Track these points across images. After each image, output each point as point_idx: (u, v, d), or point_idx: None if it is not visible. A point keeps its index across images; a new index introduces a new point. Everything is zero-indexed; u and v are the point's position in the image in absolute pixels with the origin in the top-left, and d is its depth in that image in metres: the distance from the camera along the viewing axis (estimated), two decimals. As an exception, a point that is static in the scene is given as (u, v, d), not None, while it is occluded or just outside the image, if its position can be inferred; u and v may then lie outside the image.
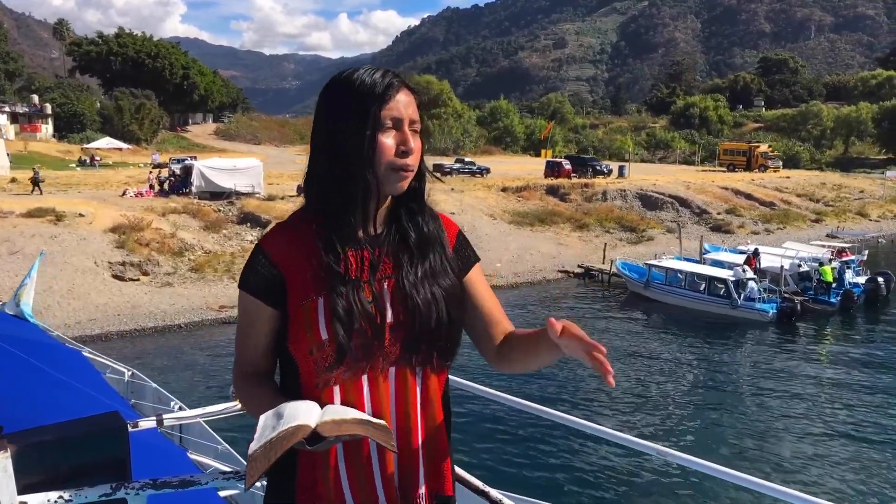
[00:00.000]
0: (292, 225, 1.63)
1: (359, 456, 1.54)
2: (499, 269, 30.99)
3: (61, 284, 23.73)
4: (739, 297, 23.95)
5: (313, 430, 1.36)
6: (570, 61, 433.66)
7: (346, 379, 1.53)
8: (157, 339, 21.50)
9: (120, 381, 6.77)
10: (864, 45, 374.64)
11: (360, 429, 1.39)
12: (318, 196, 1.59)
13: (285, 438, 1.34)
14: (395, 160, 1.54)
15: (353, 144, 1.53)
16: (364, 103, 1.53)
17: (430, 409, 1.61)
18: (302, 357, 1.54)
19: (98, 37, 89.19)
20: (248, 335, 1.63)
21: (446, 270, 1.66)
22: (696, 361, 20.59)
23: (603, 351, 1.42)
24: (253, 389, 1.61)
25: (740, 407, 16.96)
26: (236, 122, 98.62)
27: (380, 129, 1.53)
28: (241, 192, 35.85)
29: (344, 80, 1.58)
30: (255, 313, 1.60)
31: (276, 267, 1.57)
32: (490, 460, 13.50)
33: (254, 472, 1.32)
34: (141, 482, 1.81)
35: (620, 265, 29.01)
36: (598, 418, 15.83)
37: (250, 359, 1.64)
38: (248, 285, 1.59)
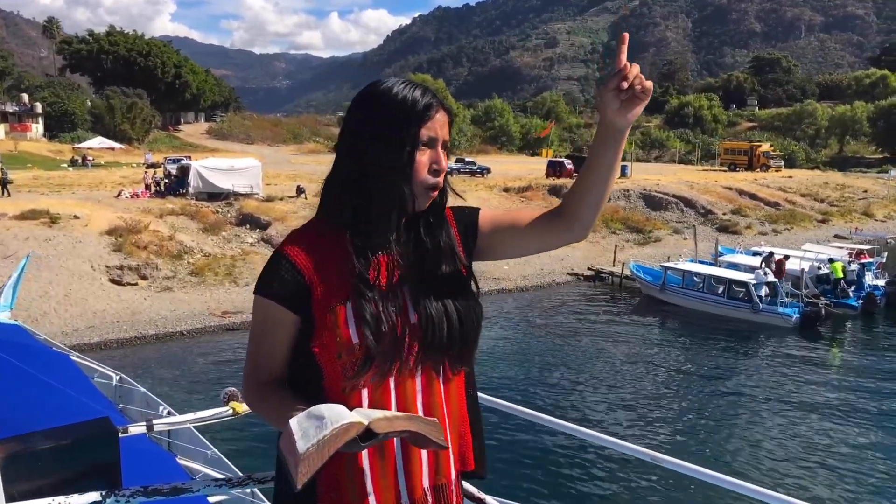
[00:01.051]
0: (313, 231, 1.65)
1: (384, 458, 1.55)
2: (506, 271, 30.24)
3: (57, 290, 22.84)
4: (761, 301, 23.20)
5: (366, 427, 1.35)
6: (562, 61, 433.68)
7: (374, 382, 1.54)
8: (160, 347, 20.63)
9: (108, 385, 6.84)
10: (853, 45, 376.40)
11: (412, 425, 1.39)
12: (344, 203, 1.61)
13: (338, 436, 1.33)
14: (428, 178, 1.59)
15: (392, 159, 1.55)
16: (406, 121, 1.55)
17: (452, 403, 1.64)
18: (329, 361, 1.55)
19: (89, 35, 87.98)
20: (264, 343, 1.63)
21: (459, 282, 1.67)
22: (716, 368, 19.87)
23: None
24: (273, 396, 1.58)
25: (763, 417, 16.27)
26: (229, 121, 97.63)
27: (418, 148, 1.56)
28: (240, 192, 35.07)
29: (384, 94, 1.59)
30: (277, 320, 1.60)
31: (300, 273, 1.58)
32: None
33: (307, 470, 1.30)
34: (131, 489, 1.78)
35: (634, 268, 28.26)
36: (613, 427, 15.16)
37: (267, 367, 1.63)
38: (270, 291, 1.59)
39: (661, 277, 26.62)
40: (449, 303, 1.63)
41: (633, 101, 1.51)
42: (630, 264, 29.02)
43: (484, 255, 1.77)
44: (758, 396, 17.62)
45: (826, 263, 25.47)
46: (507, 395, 16.49)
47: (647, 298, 27.14)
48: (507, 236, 1.74)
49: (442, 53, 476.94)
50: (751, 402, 17.30)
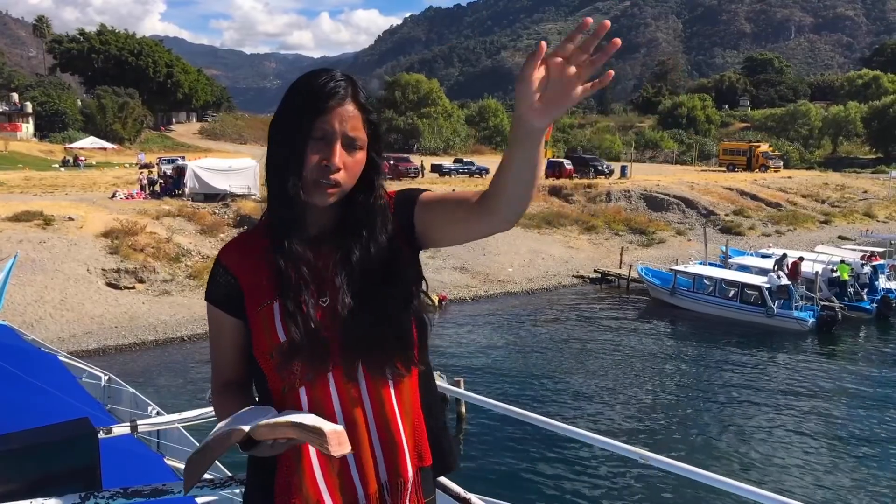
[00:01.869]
0: (249, 232, 1.68)
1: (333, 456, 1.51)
2: (511, 274, 29.73)
3: (53, 294, 22.17)
4: (776, 305, 22.71)
5: (247, 435, 1.34)
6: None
7: (310, 379, 1.53)
8: (160, 354, 19.99)
9: (96, 385, 6.85)
10: (843, 46, 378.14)
11: (293, 432, 1.37)
12: (268, 191, 1.60)
13: (218, 441, 1.32)
14: (316, 175, 1.53)
15: (279, 153, 1.55)
16: (300, 111, 1.53)
17: (405, 399, 1.61)
18: (264, 362, 1.56)
19: (79, 34, 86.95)
20: (217, 346, 1.67)
21: (390, 279, 1.61)
22: (730, 374, 19.36)
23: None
24: (222, 399, 1.62)
25: (782, 424, 15.79)
26: (221, 121, 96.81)
27: (308, 141, 1.52)
28: (237, 193, 34.44)
29: (293, 86, 1.58)
30: (220, 324, 1.64)
31: (232, 276, 1.60)
32: (475, 466, 13.21)
33: (189, 476, 1.30)
34: (111, 491, 1.75)
35: (643, 271, 27.69)
36: (625, 433, 14.65)
37: (222, 369, 1.66)
38: (210, 297, 1.64)
39: (670, 281, 26.09)
40: (375, 300, 1.58)
41: (555, 99, 1.29)
42: (637, 267, 28.50)
43: (421, 240, 1.70)
44: (775, 403, 17.13)
45: (834, 267, 24.95)
46: (515, 398, 16.00)
47: (655, 302, 26.60)
48: (438, 220, 1.67)
49: (433, 54, 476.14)
50: (768, 408, 16.81)
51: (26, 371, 4.37)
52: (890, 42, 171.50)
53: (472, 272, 29.46)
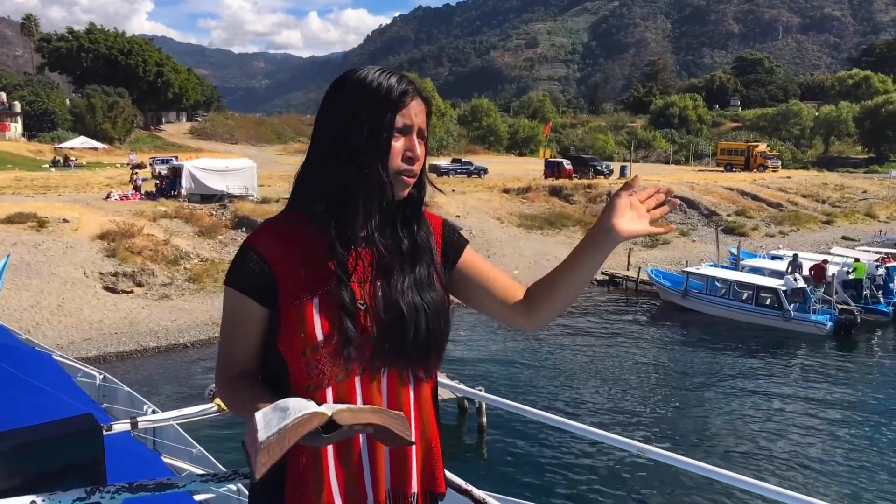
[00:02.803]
0: (283, 222, 1.61)
1: (350, 455, 1.52)
2: (517, 275, 29.14)
3: (49, 299, 21.43)
4: (791, 308, 22.23)
5: (329, 418, 1.32)
6: (542, 61, 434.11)
7: (339, 380, 1.51)
8: (163, 361, 19.30)
9: (91, 384, 6.75)
10: (830, 46, 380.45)
11: (377, 417, 1.35)
12: (317, 194, 1.57)
13: (301, 425, 1.29)
14: (402, 165, 1.55)
15: (368, 147, 1.52)
16: (381, 107, 1.52)
17: (423, 409, 1.60)
18: (294, 358, 1.51)
19: (68, 32, 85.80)
20: (235, 335, 1.59)
21: (433, 283, 1.62)
22: (748, 379, 18.82)
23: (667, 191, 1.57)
24: (243, 390, 1.54)
25: (803, 430, 15.32)
26: (212, 120, 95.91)
27: (392, 134, 1.53)
28: (234, 194, 33.79)
29: (359, 82, 1.55)
30: (244, 312, 1.56)
31: (268, 264, 1.54)
32: (475, 459, 13.02)
33: (265, 460, 1.26)
34: (116, 486, 1.76)
35: (653, 273, 27.11)
36: (640, 436, 14.11)
37: (237, 361, 1.59)
38: (238, 282, 1.56)
39: (681, 283, 25.57)
40: (422, 304, 1.57)
41: (639, 219, 1.52)
42: (647, 269, 27.96)
43: (448, 288, 1.69)
44: (796, 409, 16.67)
45: (851, 268, 24.47)
46: (532, 404, 15.48)
47: (666, 304, 26.07)
48: (474, 289, 1.70)
49: (422, 53, 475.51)
50: (790, 414, 16.34)
51: (21, 370, 4.27)
52: (879, 42, 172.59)
53: (477, 274, 28.86)
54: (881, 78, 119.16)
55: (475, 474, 12.93)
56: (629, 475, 12.85)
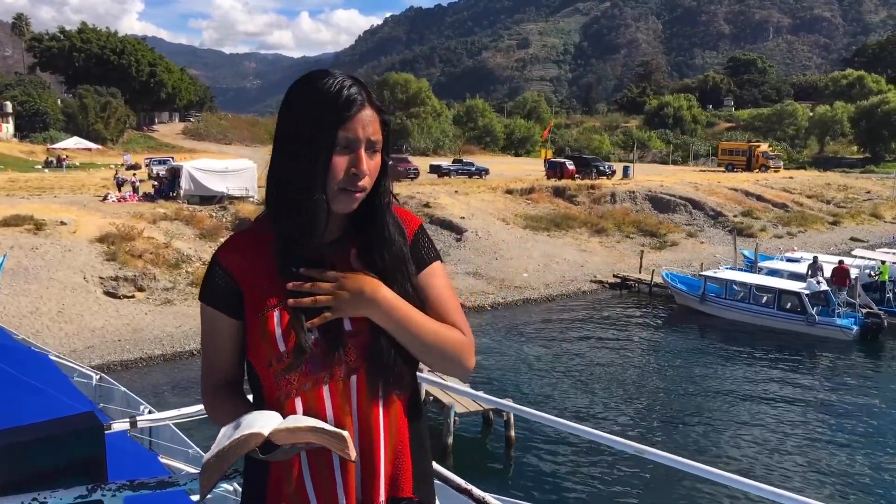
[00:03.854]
0: (251, 232, 1.62)
1: (322, 464, 1.52)
2: (526, 279, 28.55)
3: (49, 305, 20.68)
4: (815, 312, 21.62)
5: (266, 439, 1.34)
6: (534, 61, 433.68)
7: (307, 390, 1.51)
8: (170, 370, 18.57)
9: (88, 384, 6.70)
10: (820, 47, 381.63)
11: (313, 437, 1.38)
12: (274, 202, 1.57)
13: (238, 446, 1.32)
14: (344, 183, 1.51)
15: (307, 160, 1.49)
16: (321, 122, 1.48)
17: (392, 419, 1.59)
18: (262, 369, 1.53)
19: (60, 32, 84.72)
20: (212, 347, 1.63)
21: (409, 295, 1.60)
22: (773, 388, 18.28)
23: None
24: (218, 401, 1.59)
25: (831, 438, 14.81)
26: (205, 121, 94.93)
27: (334, 151, 1.49)
28: (234, 195, 33.07)
29: (307, 89, 1.53)
30: (216, 325, 1.60)
31: (232, 278, 1.56)
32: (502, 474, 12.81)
33: (206, 481, 1.29)
34: (118, 483, 1.77)
35: (669, 277, 26.42)
36: (663, 445, 13.53)
37: (217, 370, 1.63)
38: (206, 297, 1.60)
39: (697, 287, 24.95)
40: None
41: None
42: (662, 272, 27.32)
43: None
44: (824, 417, 16.17)
45: (877, 270, 23.86)
46: (549, 410, 14.88)
47: (682, 309, 25.42)
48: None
49: (414, 54, 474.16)
50: (818, 423, 15.84)
51: (18, 370, 4.22)
52: (871, 42, 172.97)
53: (486, 278, 28.25)
54: (875, 78, 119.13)
55: (505, 492, 12.28)
56: (671, 490, 12.27)
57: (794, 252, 28.64)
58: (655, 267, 29.23)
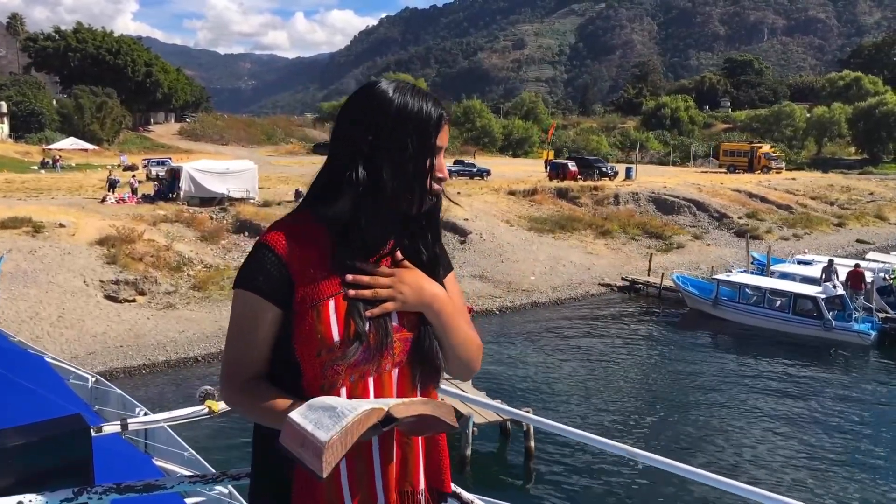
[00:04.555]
0: (296, 223, 1.61)
1: (361, 456, 1.51)
2: (534, 282, 28.12)
3: (49, 310, 20.17)
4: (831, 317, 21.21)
5: (387, 413, 1.36)
6: (529, 62, 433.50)
7: (353, 381, 1.52)
8: (174, 377, 18.08)
9: (83, 387, 6.69)
10: (815, 48, 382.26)
11: (428, 409, 1.41)
12: (340, 200, 1.58)
13: (362, 422, 1.33)
14: (434, 186, 1.60)
15: (409, 166, 1.55)
16: (426, 132, 1.56)
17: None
18: (309, 359, 1.51)
19: (55, 32, 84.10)
20: (248, 339, 1.57)
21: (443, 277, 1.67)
22: (789, 395, 17.89)
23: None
24: (262, 393, 1.53)
25: (851, 446, 14.39)
26: (201, 121, 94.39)
27: (435, 157, 1.58)
28: (234, 197, 32.60)
29: (401, 104, 1.56)
30: (261, 315, 1.55)
31: (285, 266, 1.53)
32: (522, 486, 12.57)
33: (331, 459, 1.30)
34: (104, 486, 1.77)
35: (680, 280, 25.95)
36: (677, 454, 13.13)
37: (250, 364, 1.57)
38: (254, 285, 1.54)
39: (709, 290, 24.53)
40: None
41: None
42: (672, 275, 26.88)
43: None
44: (843, 424, 15.81)
45: (892, 274, 23.46)
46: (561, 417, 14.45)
47: (693, 312, 24.99)
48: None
49: (409, 55, 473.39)
50: (836, 429, 15.48)
51: (14, 372, 4.20)
52: (867, 43, 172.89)
53: (493, 281, 27.82)
54: (872, 79, 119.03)
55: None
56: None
57: (805, 254, 28.25)
58: (663, 269, 28.84)
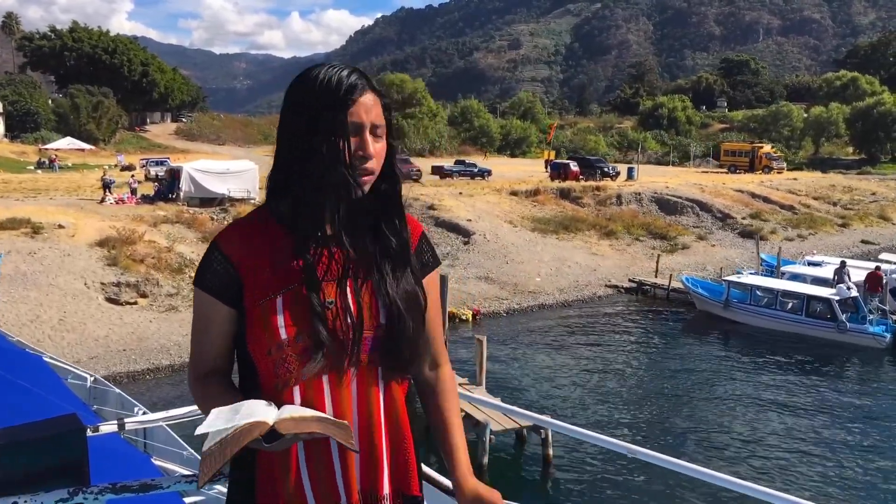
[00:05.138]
0: (250, 221, 1.61)
1: (320, 456, 1.50)
2: (540, 283, 27.78)
3: (50, 313, 19.77)
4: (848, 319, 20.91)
5: (271, 428, 1.32)
6: (525, 62, 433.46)
7: (306, 379, 1.49)
8: (179, 382, 17.67)
9: (82, 386, 6.64)
10: (810, 48, 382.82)
11: (319, 427, 1.36)
12: (281, 193, 1.57)
13: (241, 435, 1.29)
14: (354, 165, 1.52)
15: (317, 148, 1.50)
16: (329, 107, 1.49)
17: (393, 410, 1.59)
18: (261, 357, 1.51)
19: (51, 31, 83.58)
20: (204, 334, 1.59)
21: (408, 283, 1.61)
22: (804, 397, 17.58)
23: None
24: (209, 389, 1.55)
25: (866, 456, 14.11)
26: (197, 121, 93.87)
27: (343, 135, 1.52)
28: (235, 197, 32.24)
29: (308, 79, 1.54)
30: (211, 312, 1.57)
31: (232, 265, 1.54)
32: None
33: (207, 469, 1.27)
34: (100, 486, 1.76)
35: (689, 282, 25.61)
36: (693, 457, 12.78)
37: (207, 358, 1.59)
38: (203, 283, 1.56)
39: (718, 292, 24.23)
40: (413, 302, 1.58)
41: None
42: (681, 277, 26.57)
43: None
44: (859, 427, 15.52)
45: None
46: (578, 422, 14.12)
47: (702, 314, 24.69)
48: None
49: (405, 54, 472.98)
50: (851, 434, 15.19)
51: (12, 371, 4.18)
52: (863, 43, 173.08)
53: (498, 282, 27.48)
54: (868, 79, 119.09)
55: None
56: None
57: (814, 256, 27.98)
58: (670, 271, 28.56)
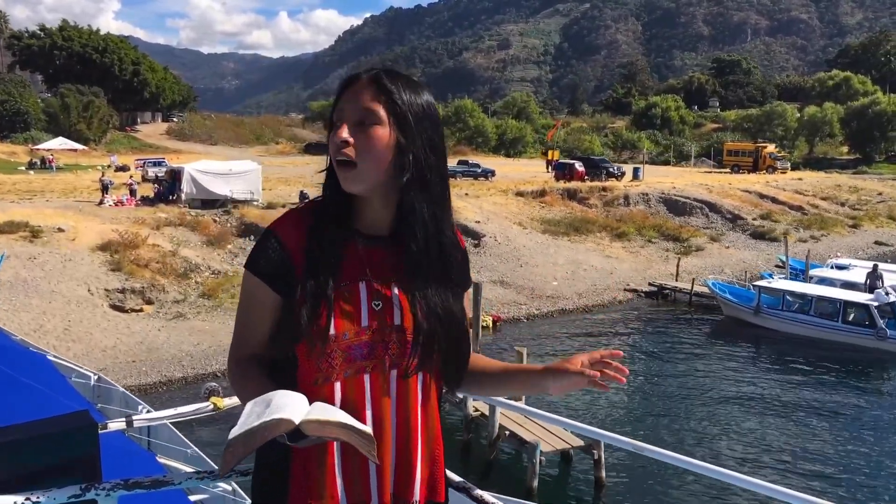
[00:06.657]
0: (305, 212, 1.59)
1: (356, 456, 1.48)
2: (557, 287, 26.96)
3: (54, 322, 18.77)
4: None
5: (296, 427, 1.32)
6: (515, 62, 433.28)
7: (348, 376, 1.49)
8: (194, 395, 16.63)
9: (86, 385, 6.70)
10: (797, 48, 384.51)
11: (343, 433, 1.36)
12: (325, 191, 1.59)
13: (266, 429, 1.30)
14: (333, 154, 1.53)
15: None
16: (334, 102, 1.54)
17: (429, 414, 1.58)
18: (305, 350, 1.50)
19: (40, 29, 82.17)
20: (249, 318, 1.59)
21: (449, 288, 1.59)
22: (845, 406, 16.85)
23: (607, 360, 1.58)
24: (247, 374, 1.55)
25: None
26: (189, 121, 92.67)
27: (327, 124, 1.56)
28: (238, 199, 31.21)
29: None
30: (260, 297, 1.56)
31: (287, 253, 1.53)
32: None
33: (230, 458, 1.28)
34: (112, 482, 1.75)
35: (716, 286, 24.74)
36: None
37: (249, 342, 1.58)
38: (256, 267, 1.55)
39: (747, 297, 23.44)
40: (437, 309, 1.54)
41: (573, 385, 1.60)
42: (707, 280, 25.76)
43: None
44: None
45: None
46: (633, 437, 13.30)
47: (729, 320, 23.88)
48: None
49: (394, 54, 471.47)
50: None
51: (15, 369, 4.14)
52: (854, 43, 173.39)
53: (514, 287, 26.64)
54: (861, 79, 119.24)
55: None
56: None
57: (839, 258, 27.28)
58: (690, 274, 27.78)
